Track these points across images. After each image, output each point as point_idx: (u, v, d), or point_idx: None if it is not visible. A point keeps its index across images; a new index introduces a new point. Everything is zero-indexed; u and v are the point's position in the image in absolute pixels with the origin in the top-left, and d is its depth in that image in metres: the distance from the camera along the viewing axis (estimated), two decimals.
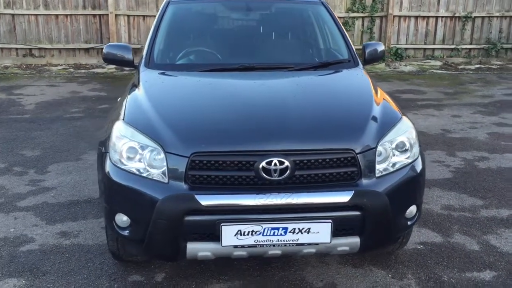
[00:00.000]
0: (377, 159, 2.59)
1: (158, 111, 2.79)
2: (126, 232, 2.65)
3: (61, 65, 10.44)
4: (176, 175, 2.50)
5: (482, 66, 11.09)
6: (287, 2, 4.21)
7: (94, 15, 10.53)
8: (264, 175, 2.47)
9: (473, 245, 3.39)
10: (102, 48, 3.63)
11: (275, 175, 2.48)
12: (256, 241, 2.48)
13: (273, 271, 3.10)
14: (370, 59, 3.82)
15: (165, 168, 2.52)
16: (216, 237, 2.49)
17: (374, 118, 2.76)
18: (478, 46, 11.54)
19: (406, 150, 2.72)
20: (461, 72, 10.42)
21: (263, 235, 2.48)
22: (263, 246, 2.50)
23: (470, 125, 6.45)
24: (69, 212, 3.93)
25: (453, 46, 11.45)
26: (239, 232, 2.46)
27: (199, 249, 2.53)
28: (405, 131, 2.77)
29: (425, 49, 11.48)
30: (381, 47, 3.87)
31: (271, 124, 2.66)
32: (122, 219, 2.65)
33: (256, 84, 3.23)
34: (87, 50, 10.56)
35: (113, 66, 10.33)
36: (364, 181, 2.54)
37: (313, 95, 3.07)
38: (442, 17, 11.31)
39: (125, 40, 10.56)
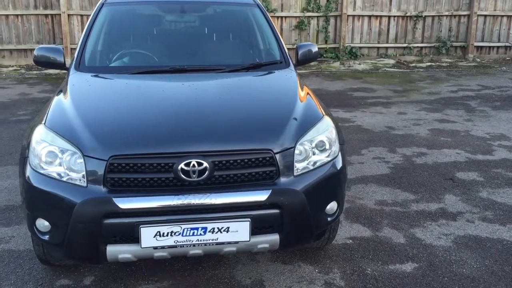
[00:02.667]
0: (296, 158, 2.66)
1: (80, 115, 2.79)
2: (46, 237, 2.64)
3: (12, 66, 10.20)
4: (95, 179, 2.51)
5: (433, 64, 11.44)
6: (222, 4, 4.25)
7: (46, 15, 10.33)
8: (183, 176, 2.51)
9: (400, 238, 3.52)
10: None
11: (194, 176, 2.51)
12: (176, 241, 2.52)
13: (204, 270, 3.14)
14: (304, 59, 3.89)
15: (84, 171, 2.52)
16: (136, 239, 2.51)
17: (295, 118, 2.83)
18: (429, 45, 11.89)
19: (325, 149, 2.80)
20: (412, 70, 10.72)
21: (182, 235, 2.51)
22: (183, 246, 2.54)
23: (413, 122, 6.65)
24: (3, 218, 3.86)
25: (405, 45, 11.77)
26: (158, 234, 2.49)
27: (119, 251, 2.55)
28: (325, 130, 2.85)
29: (378, 47, 11.75)
30: (314, 48, 3.95)
31: (191, 126, 2.69)
32: (43, 224, 2.63)
33: (184, 86, 3.26)
34: None
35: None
36: (282, 180, 2.61)
37: (237, 97, 3.12)
38: (395, 16, 11.60)
39: (78, 40, 10.39)
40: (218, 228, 2.52)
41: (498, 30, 11.91)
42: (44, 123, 2.78)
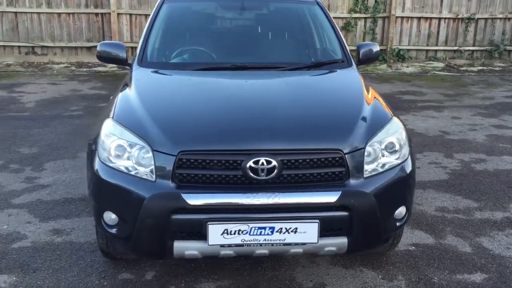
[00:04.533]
0: (366, 159, 2.58)
1: (147, 109, 2.80)
2: (113, 230, 2.65)
3: (63, 63, 10.48)
4: (164, 174, 2.51)
5: (485, 68, 11.04)
6: (282, 1, 4.21)
7: (96, 14, 10.56)
8: (251, 174, 2.47)
9: (465, 247, 3.37)
10: None
11: (262, 174, 2.47)
12: (242, 240, 2.48)
13: (263, 270, 3.09)
14: (365, 59, 3.80)
15: (153, 166, 2.52)
16: (202, 236, 2.49)
17: (364, 119, 2.75)
18: (481, 48, 11.49)
19: (395, 151, 2.71)
20: (463, 74, 10.38)
21: (250, 234, 2.47)
22: (250, 245, 2.50)
23: (469, 127, 6.42)
24: (63, 210, 3.94)
25: (455, 48, 11.41)
26: (225, 231, 2.46)
27: (186, 247, 2.53)
28: (395, 131, 2.75)
29: (427, 50, 11.44)
30: (376, 48, 3.85)
31: (260, 123, 2.65)
32: (110, 217, 2.65)
33: (247, 83, 3.23)
34: (89, 48, 10.58)
35: (115, 64, 10.39)
36: (352, 182, 2.53)
37: (303, 95, 3.06)
38: (445, 18, 11.27)
39: (127, 39, 10.59)
40: (286, 228, 2.47)
41: None
42: (112, 117, 2.80)
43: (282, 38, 4.02)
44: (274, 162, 2.47)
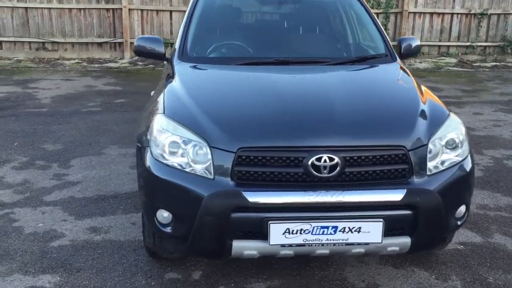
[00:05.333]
0: (428, 156, 2.51)
1: (199, 105, 2.72)
2: (168, 229, 2.57)
3: (74, 59, 10.36)
4: (222, 171, 2.43)
5: (498, 63, 10.97)
6: None
7: (108, 9, 10.43)
8: (313, 172, 2.39)
9: None
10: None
11: (325, 172, 2.40)
12: (304, 240, 2.40)
13: (312, 270, 3.02)
14: (406, 53, 3.72)
15: (210, 163, 2.45)
16: (263, 235, 2.41)
17: (423, 115, 2.68)
18: (494, 44, 11.41)
19: (456, 147, 2.64)
20: (477, 70, 10.30)
21: (312, 234, 2.40)
22: (311, 245, 2.42)
23: (493, 123, 6.35)
24: (97, 207, 3.86)
25: (468, 43, 11.32)
26: (287, 231, 2.39)
27: (245, 247, 2.46)
28: (454, 128, 2.68)
29: (440, 46, 11.36)
30: (415, 42, 3.77)
31: (319, 119, 2.57)
32: (163, 215, 2.57)
33: (296, 78, 3.15)
34: (100, 44, 10.47)
35: (127, 60, 10.30)
36: (416, 179, 2.46)
37: (356, 90, 2.98)
38: (458, 14, 11.18)
39: (138, 35, 10.47)
40: (349, 228, 2.40)
41: None
42: (164, 113, 2.71)
43: (322, 32, 3.94)
44: (336, 159, 2.40)
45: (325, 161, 2.39)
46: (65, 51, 10.49)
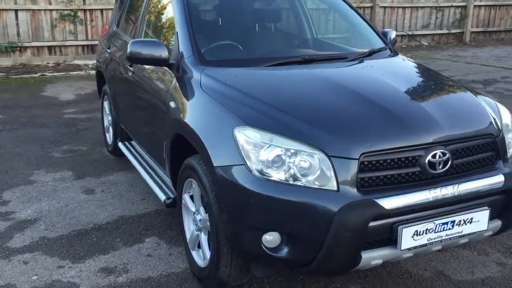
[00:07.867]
0: (506, 141, 2.65)
1: (284, 111, 2.40)
2: (282, 253, 2.22)
3: None
4: (346, 181, 2.19)
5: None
6: None
7: None
8: (429, 169, 2.33)
9: None
10: None
11: (439, 167, 2.35)
12: (428, 239, 2.32)
13: (376, 269, 2.94)
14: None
15: (330, 174, 2.18)
16: (391, 241, 2.26)
17: (482, 104, 2.81)
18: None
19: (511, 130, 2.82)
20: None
21: (434, 232, 2.33)
22: (432, 243, 2.35)
23: None
24: (87, 244, 3.14)
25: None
26: (415, 233, 2.27)
27: (373, 257, 2.26)
28: (505, 113, 2.87)
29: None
30: (393, 34, 3.90)
31: (420, 115, 2.48)
32: (272, 238, 2.22)
33: (350, 76, 2.96)
34: None
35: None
36: (504, 165, 2.57)
37: (414, 84, 2.97)
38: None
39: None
40: (463, 220, 2.39)
41: None
42: (247, 124, 2.32)
43: (331, 30, 3.81)
44: (448, 153, 2.37)
45: (440, 156, 2.34)
46: None
